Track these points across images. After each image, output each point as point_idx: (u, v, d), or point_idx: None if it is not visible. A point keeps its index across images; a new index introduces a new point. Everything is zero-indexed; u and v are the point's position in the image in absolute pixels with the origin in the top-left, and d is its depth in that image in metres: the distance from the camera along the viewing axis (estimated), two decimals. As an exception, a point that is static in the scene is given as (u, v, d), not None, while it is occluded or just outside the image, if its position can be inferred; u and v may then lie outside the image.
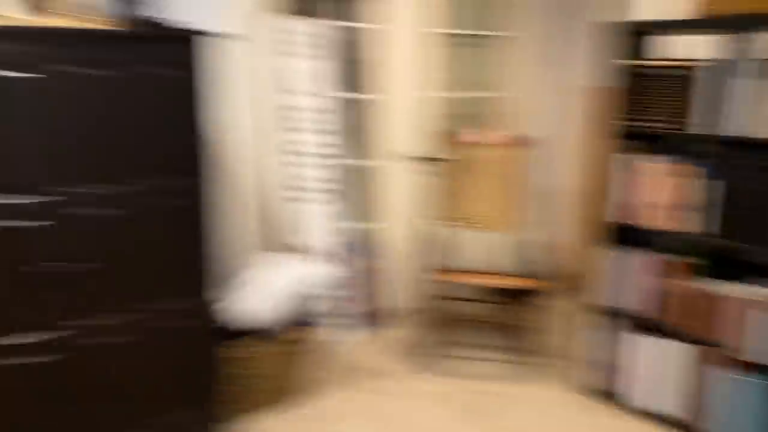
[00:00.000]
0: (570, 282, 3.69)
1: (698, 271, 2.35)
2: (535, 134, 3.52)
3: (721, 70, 2.17)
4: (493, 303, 3.40)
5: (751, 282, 2.32)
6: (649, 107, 2.32)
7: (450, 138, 2.94)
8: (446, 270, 2.69)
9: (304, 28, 2.73)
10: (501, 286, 2.84)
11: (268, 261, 2.61)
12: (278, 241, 2.83)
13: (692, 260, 2.35)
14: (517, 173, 2.94)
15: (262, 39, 2.65)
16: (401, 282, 3.26)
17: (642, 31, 2.38)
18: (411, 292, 3.28)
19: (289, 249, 2.83)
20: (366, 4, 2.96)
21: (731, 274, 2.38)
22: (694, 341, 2.32)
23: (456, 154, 2.94)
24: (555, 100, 3.58)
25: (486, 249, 2.86)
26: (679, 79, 2.25)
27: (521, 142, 2.92)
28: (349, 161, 3.08)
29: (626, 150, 2.41)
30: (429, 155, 3.14)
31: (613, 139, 2.42)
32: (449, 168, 2.94)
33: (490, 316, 3.31)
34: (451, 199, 2.97)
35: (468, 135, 2.94)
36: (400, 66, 3.05)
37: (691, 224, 2.30)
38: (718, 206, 2.26)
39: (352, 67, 3.02)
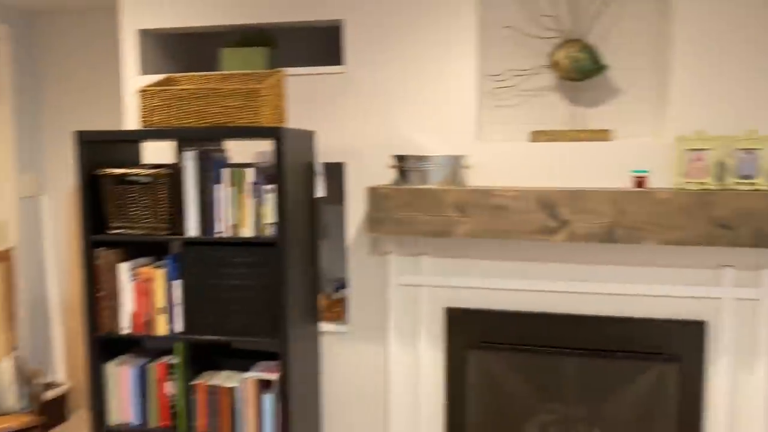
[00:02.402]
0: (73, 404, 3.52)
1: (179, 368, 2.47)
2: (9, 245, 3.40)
3: (185, 176, 2.38)
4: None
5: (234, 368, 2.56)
6: (126, 212, 2.44)
7: None
8: None
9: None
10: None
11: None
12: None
13: (177, 359, 2.44)
14: None
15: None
16: None
17: (105, 139, 2.49)
18: None
19: None
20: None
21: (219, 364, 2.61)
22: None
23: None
24: (29, 207, 3.59)
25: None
26: (151, 185, 2.40)
27: None
28: None
29: (108, 256, 2.45)
30: None
31: (93, 245, 2.46)
32: None
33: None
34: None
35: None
36: None
37: (173, 324, 2.45)
38: (191, 304, 2.42)
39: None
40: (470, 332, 2.63)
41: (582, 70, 2.45)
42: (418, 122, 2.63)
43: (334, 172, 2.73)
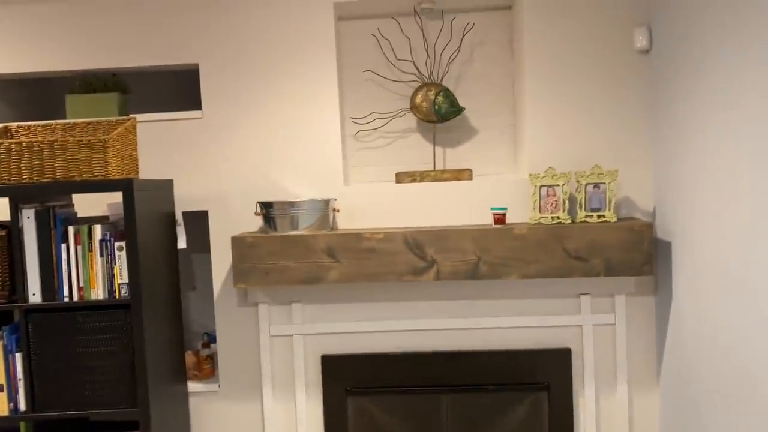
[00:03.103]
0: None
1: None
2: None
3: (24, 235, 2.15)
4: None
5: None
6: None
7: None
8: None
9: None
10: None
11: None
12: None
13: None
14: None
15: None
16: None
17: None
18: None
19: None
20: None
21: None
22: None
23: None
24: None
25: None
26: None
27: None
28: None
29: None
30: None
31: None
32: None
33: None
34: None
35: None
36: None
37: (15, 402, 2.19)
38: (37, 378, 2.16)
39: None
40: (348, 378, 2.57)
41: (440, 113, 2.51)
42: (284, 167, 2.57)
43: (203, 220, 2.61)
